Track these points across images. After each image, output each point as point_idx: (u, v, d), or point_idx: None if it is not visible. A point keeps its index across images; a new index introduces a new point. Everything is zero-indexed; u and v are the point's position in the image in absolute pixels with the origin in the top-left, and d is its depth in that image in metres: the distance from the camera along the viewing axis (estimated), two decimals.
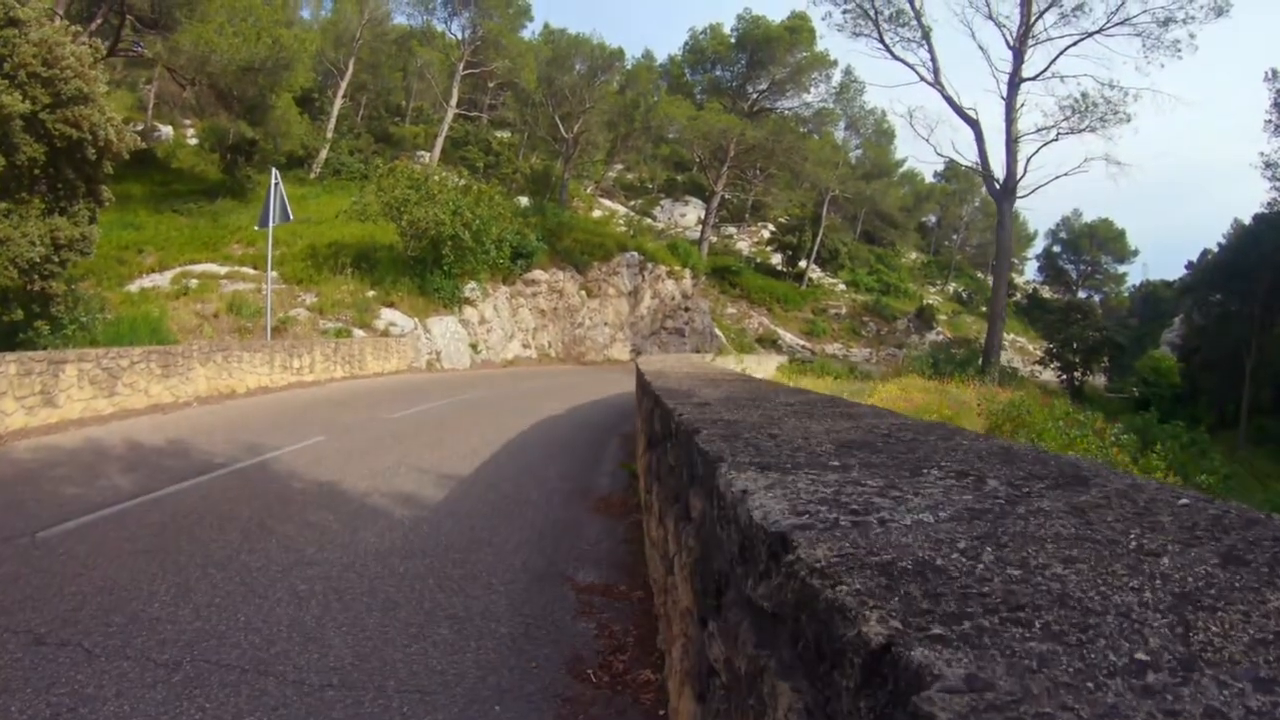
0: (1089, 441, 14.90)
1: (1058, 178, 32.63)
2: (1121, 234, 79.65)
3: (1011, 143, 31.50)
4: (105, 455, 8.62)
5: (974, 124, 32.10)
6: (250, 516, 6.10)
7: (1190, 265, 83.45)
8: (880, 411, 3.36)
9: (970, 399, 18.71)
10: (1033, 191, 32.12)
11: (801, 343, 49.67)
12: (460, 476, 8.04)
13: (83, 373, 11.54)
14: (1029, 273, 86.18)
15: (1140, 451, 16.76)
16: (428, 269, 24.87)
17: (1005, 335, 59.85)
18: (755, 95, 52.56)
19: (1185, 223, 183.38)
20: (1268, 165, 44.64)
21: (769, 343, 47.86)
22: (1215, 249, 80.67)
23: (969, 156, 33.82)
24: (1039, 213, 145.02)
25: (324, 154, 39.47)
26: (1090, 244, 78.81)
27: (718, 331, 42.63)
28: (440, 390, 16.83)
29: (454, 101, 42.53)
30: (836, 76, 53.34)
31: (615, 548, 5.90)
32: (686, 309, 39.95)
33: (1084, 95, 31.98)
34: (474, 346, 25.10)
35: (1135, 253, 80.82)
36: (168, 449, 9.06)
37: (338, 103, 42.58)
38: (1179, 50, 30.50)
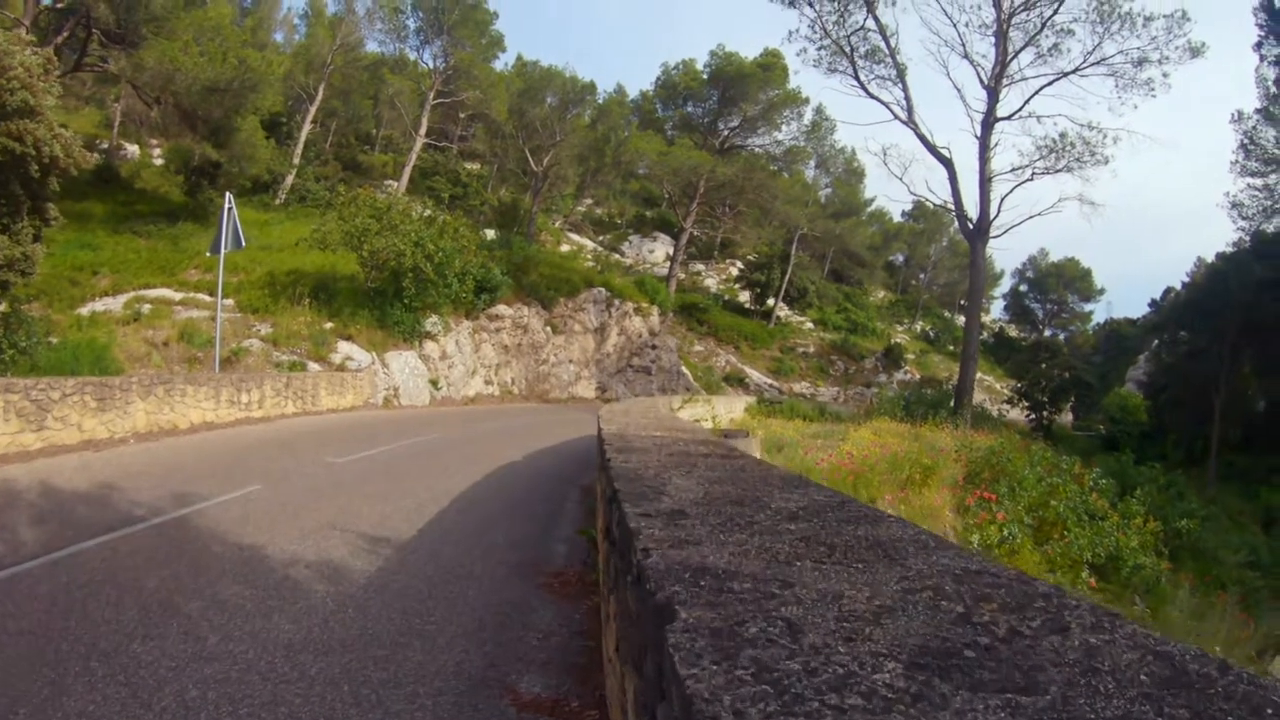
0: (1069, 489, 14.63)
1: (1031, 217, 32.33)
2: (1088, 273, 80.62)
3: (985, 182, 31.44)
4: (15, 501, 7.97)
5: (947, 163, 32.09)
6: (156, 589, 5.44)
7: (1154, 303, 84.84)
8: (924, 541, 2.42)
9: (947, 444, 18.39)
10: (1005, 231, 31.77)
11: (769, 381, 49.48)
12: (399, 541, 7.36)
13: (9, 404, 10.87)
14: (995, 311, 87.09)
15: (1119, 496, 16.50)
16: (388, 301, 24.29)
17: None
18: (726, 132, 52.70)
19: (1149, 262, 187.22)
20: (1234, 205, 45.93)
21: (736, 381, 47.63)
22: (1179, 288, 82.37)
23: (942, 195, 33.83)
24: (1007, 252, 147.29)
25: (290, 180, 38.86)
26: (1057, 283, 79.69)
27: (685, 369, 42.35)
28: (393, 431, 16.13)
29: (423, 131, 42.23)
30: (808, 114, 53.64)
31: (568, 643, 5.14)
32: (654, 346, 39.65)
33: (1062, 135, 32.03)
34: (434, 383, 24.53)
35: (1101, 291, 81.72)
36: (88, 495, 8.43)
37: (306, 128, 42.05)
38: (1152, 89, 30.65)
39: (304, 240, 26.72)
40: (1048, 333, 79.04)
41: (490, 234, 36.98)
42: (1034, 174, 31.98)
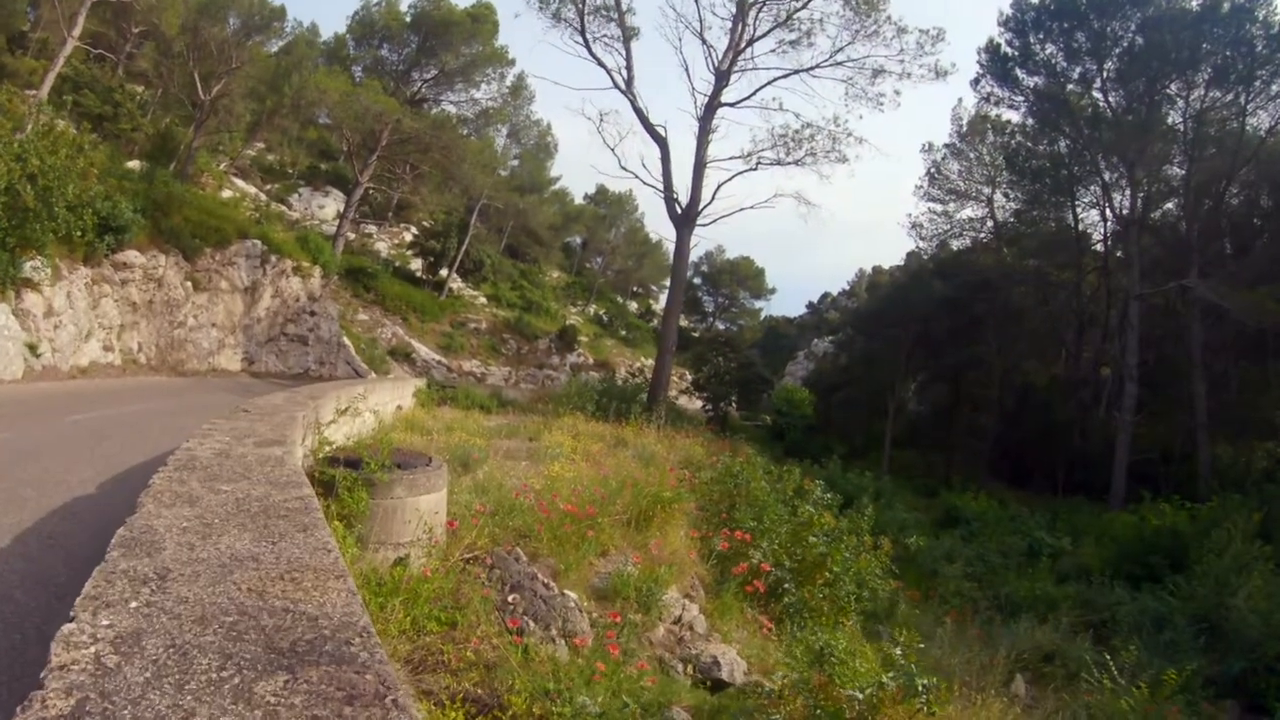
0: (822, 520, 13.62)
1: (744, 209, 32.74)
2: (760, 272, 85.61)
3: (700, 167, 30.47)
4: None
5: (662, 142, 30.88)
6: None
7: (812, 306, 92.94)
8: None
9: (659, 453, 17.11)
10: (715, 221, 31.65)
11: (437, 357, 46.73)
12: None
13: None
14: (663, 300, 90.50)
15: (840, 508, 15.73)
16: None
17: (647, 361, 61.41)
18: (421, 84, 48.86)
19: (808, 265, 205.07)
20: (914, 225, 54.25)
21: (403, 355, 44.41)
22: (835, 293, 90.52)
23: (656, 175, 32.53)
24: (698, 243, 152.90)
25: None
26: (730, 279, 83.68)
27: (347, 341, 38.53)
28: None
29: (77, 32, 34.21)
30: (510, 77, 51.36)
31: None
32: (313, 313, 35.53)
33: (806, 125, 31.78)
34: (32, 347, 19.36)
35: (772, 291, 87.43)
36: None
37: None
38: (881, 104, 31.31)
39: None
40: (720, 325, 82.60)
41: (134, 165, 30.82)
42: (760, 163, 31.26)
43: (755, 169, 31.79)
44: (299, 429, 7.37)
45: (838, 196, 64.38)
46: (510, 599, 7.41)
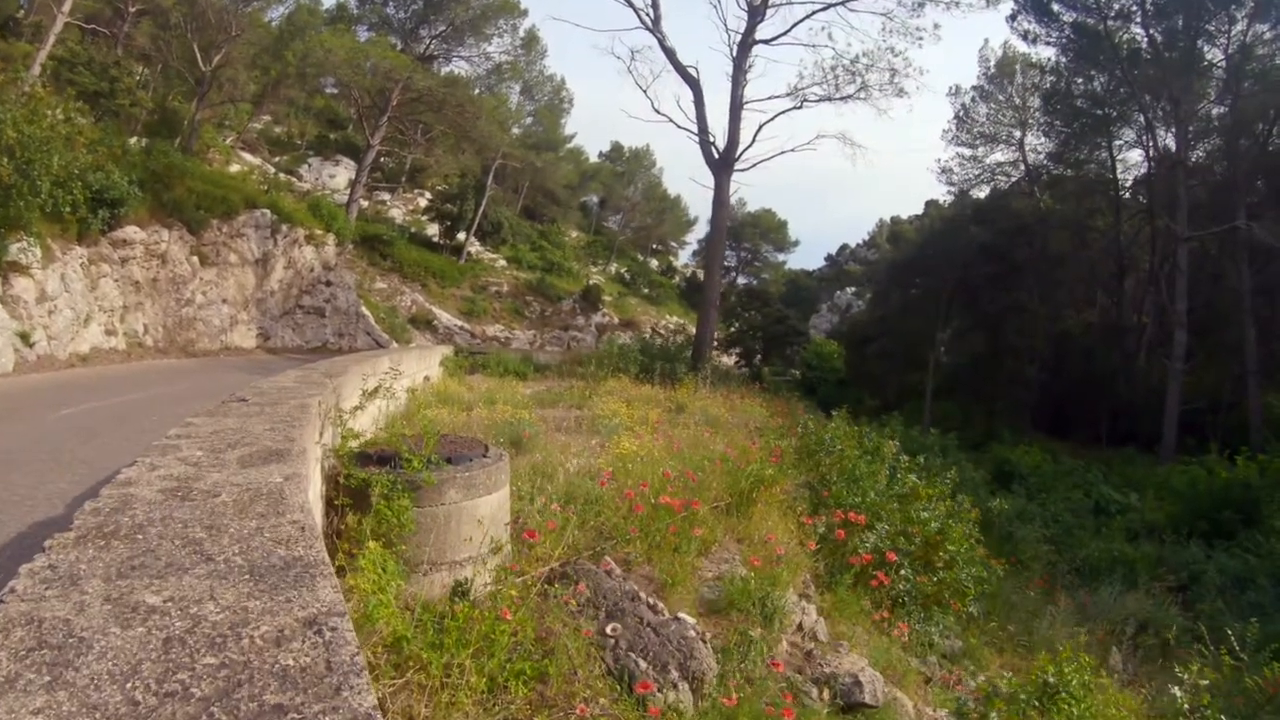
0: (931, 489, 12.01)
1: (785, 152, 30.51)
2: (783, 225, 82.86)
3: (737, 108, 28.30)
4: None
5: (694, 83, 28.65)
6: None
7: (830, 258, 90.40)
8: None
9: (725, 419, 15.34)
10: (755, 165, 29.30)
11: (459, 324, 45.14)
12: None
13: None
14: (684, 256, 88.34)
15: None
16: None
17: (671, 319, 59.67)
18: (429, 40, 46.56)
19: (821, 220, 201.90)
20: (943, 171, 51.98)
21: (423, 323, 42.86)
22: (853, 246, 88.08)
23: (690, 119, 30.24)
24: (698, 203, 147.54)
25: None
26: (754, 233, 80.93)
27: (365, 311, 36.97)
28: None
29: (67, 7, 32.19)
30: (523, 28, 49.00)
31: None
32: (328, 283, 33.95)
33: (865, 54, 29.65)
34: (24, 336, 17.82)
35: (796, 244, 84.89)
36: None
37: None
38: (920, 38, 28.71)
39: None
40: (741, 280, 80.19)
41: (136, 143, 28.93)
42: (805, 101, 29.08)
43: (800, 107, 29.48)
44: (313, 423, 5.51)
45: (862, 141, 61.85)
46: (610, 629, 5.71)
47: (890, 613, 9.12)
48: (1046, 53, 42.46)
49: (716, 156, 28.48)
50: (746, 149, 28.95)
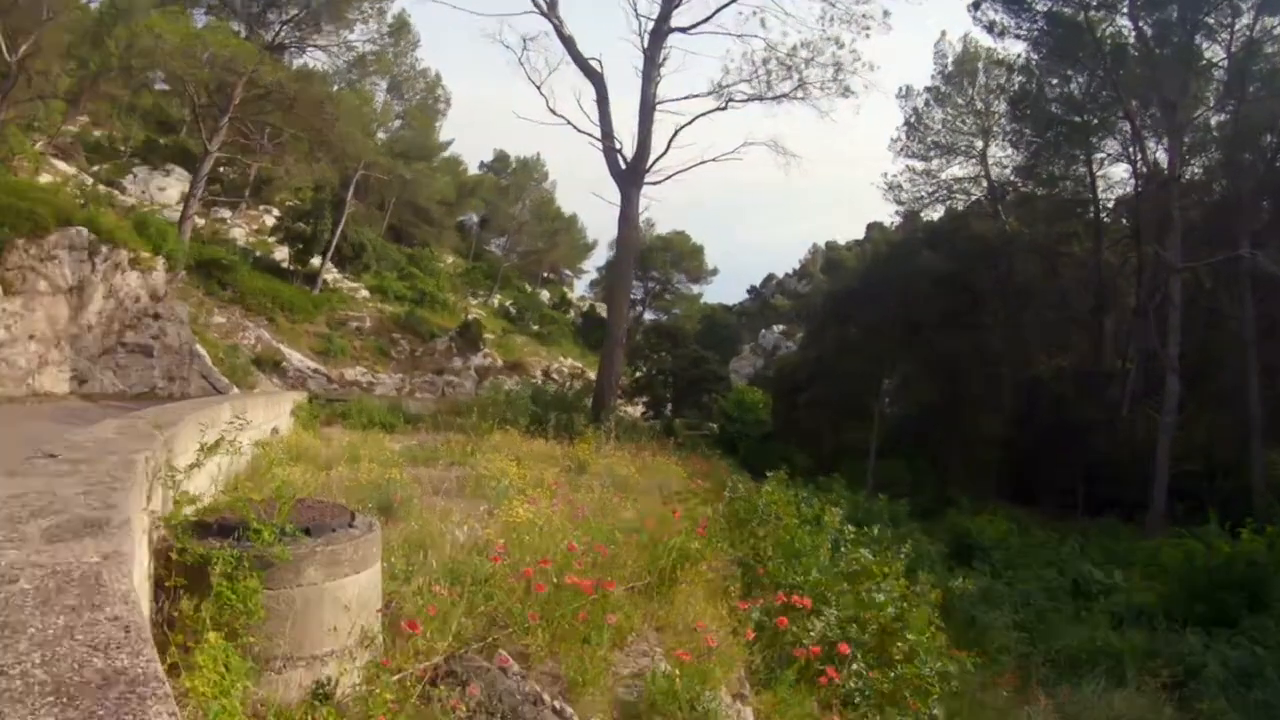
0: (883, 569, 11.62)
1: (705, 162, 29.59)
2: (699, 250, 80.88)
3: (649, 108, 27.75)
4: None
5: (597, 78, 27.76)
6: None
7: (754, 290, 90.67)
8: None
9: (635, 481, 14.79)
10: (670, 177, 28.18)
11: (314, 365, 43.69)
12: None
13: None
14: (581, 288, 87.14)
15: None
16: None
17: (567, 361, 58.93)
18: (279, 26, 45.31)
19: (758, 241, 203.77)
20: (890, 187, 50.74)
21: (271, 365, 41.27)
22: (781, 276, 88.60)
23: (593, 121, 29.14)
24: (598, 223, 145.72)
25: None
26: (664, 259, 78.50)
27: (201, 349, 35.40)
28: None
29: None
30: (390, 15, 48.02)
31: None
32: (157, 315, 32.35)
33: (804, 44, 28.75)
34: None
35: (714, 272, 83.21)
36: None
37: None
38: (868, 28, 28.37)
39: None
40: (648, 316, 78.43)
41: None
42: (731, 101, 28.87)
43: (725, 108, 29.18)
44: (140, 485, 4.91)
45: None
46: None
47: (840, 716, 8.75)
48: (1015, 48, 41.67)
49: (624, 166, 28.05)
50: (660, 158, 28.57)
